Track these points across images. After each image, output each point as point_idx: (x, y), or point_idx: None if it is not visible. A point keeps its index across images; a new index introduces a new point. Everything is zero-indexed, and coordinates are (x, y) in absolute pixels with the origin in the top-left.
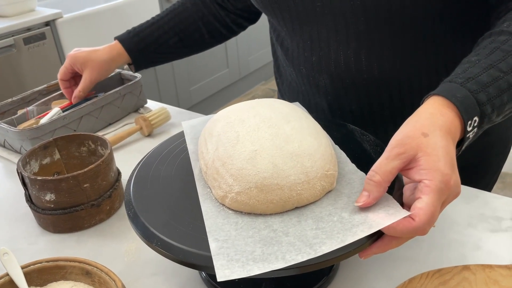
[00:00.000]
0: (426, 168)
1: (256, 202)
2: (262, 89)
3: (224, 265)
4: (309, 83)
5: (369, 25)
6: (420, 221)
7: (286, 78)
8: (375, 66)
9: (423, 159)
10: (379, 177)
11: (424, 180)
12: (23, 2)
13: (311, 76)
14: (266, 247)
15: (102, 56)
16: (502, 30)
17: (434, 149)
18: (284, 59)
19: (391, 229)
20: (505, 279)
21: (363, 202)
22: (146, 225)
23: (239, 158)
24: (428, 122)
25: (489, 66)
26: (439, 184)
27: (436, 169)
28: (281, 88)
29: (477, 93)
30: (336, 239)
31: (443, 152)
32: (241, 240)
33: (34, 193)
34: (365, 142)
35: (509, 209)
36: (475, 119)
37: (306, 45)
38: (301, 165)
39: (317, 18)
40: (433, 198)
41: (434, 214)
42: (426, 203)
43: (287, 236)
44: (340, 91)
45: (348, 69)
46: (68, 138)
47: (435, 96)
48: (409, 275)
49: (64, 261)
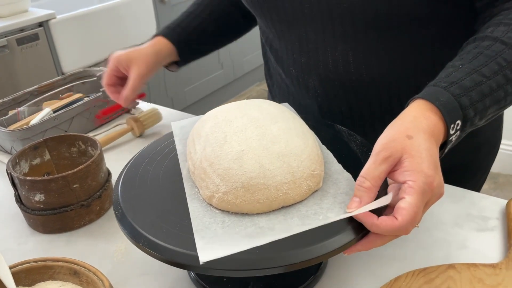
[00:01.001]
0: (410, 169)
1: (242, 202)
2: (257, 90)
3: (208, 249)
4: (299, 84)
5: (356, 27)
6: (403, 220)
7: (277, 80)
8: (363, 67)
9: (407, 161)
10: (369, 183)
11: (408, 181)
12: (16, 2)
13: (300, 77)
14: (251, 239)
15: (146, 50)
16: (486, 36)
17: (418, 151)
18: (274, 60)
19: (374, 226)
20: (489, 277)
21: (354, 208)
22: (134, 225)
23: (226, 158)
24: (412, 125)
25: (472, 71)
26: (422, 185)
27: (420, 170)
28: (272, 89)
29: (460, 97)
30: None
31: (427, 154)
32: (227, 236)
33: (24, 194)
34: (352, 142)
35: (496, 208)
36: (457, 123)
37: (294, 46)
38: (287, 165)
39: (305, 20)
40: (416, 199)
41: (417, 215)
42: (409, 203)
43: (272, 231)
44: (330, 92)
45: (336, 70)
46: (58, 139)
47: (419, 100)
48: (395, 274)
49: (52, 261)
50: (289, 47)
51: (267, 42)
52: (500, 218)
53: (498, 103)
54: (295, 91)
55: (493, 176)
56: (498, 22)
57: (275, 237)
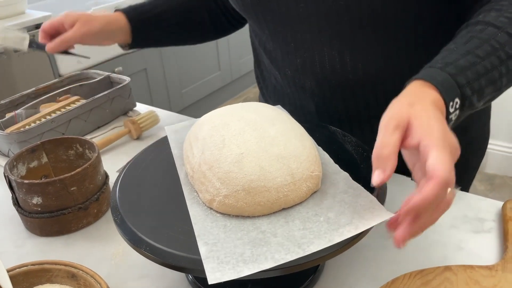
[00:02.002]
0: (420, 128)
1: (244, 205)
2: (254, 92)
3: (215, 268)
4: (295, 85)
5: (353, 25)
6: (441, 171)
7: (271, 82)
8: (360, 66)
9: (415, 122)
10: (387, 150)
11: (422, 141)
12: (13, 4)
13: (296, 78)
14: (255, 248)
15: (97, 17)
16: (478, 21)
17: (424, 111)
18: (268, 62)
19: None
20: (485, 279)
21: (380, 180)
22: (133, 230)
23: (225, 162)
24: (413, 97)
25: (467, 53)
26: (438, 136)
27: (431, 125)
28: (266, 92)
29: (456, 76)
30: (323, 239)
31: (434, 113)
32: (230, 242)
33: (21, 197)
34: (347, 143)
35: (492, 210)
36: (456, 101)
37: (289, 47)
38: (287, 167)
39: (300, 19)
40: (439, 151)
41: (448, 161)
42: (435, 157)
43: (275, 237)
44: (327, 93)
45: (333, 70)
46: (55, 142)
47: (416, 81)
48: (392, 276)
49: (50, 264)
50: (283, 48)
51: (260, 44)
52: (496, 220)
53: (494, 84)
54: (291, 92)
55: (489, 177)
56: (489, 8)
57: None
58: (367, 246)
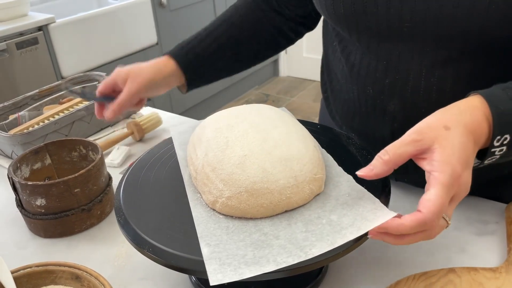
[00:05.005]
0: (438, 160)
1: (246, 207)
2: (256, 94)
3: (217, 269)
4: (374, 106)
5: (464, 52)
6: (428, 212)
7: (341, 96)
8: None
9: (437, 151)
10: (388, 156)
11: (434, 172)
12: (15, 7)
13: (378, 99)
14: (257, 250)
15: (145, 69)
16: None
17: (451, 143)
18: (347, 75)
19: (401, 227)
20: (489, 281)
21: (364, 173)
22: (137, 231)
23: (229, 163)
24: (454, 117)
25: None
26: (449, 178)
27: (448, 162)
28: (333, 104)
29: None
30: (326, 241)
31: (460, 148)
32: (232, 244)
33: (25, 198)
34: (351, 145)
35: (495, 212)
36: (505, 137)
37: (380, 65)
38: (290, 169)
39: (402, 38)
40: (441, 191)
41: (442, 206)
42: (434, 194)
43: (277, 239)
44: (411, 119)
45: (427, 98)
46: (59, 143)
47: (478, 96)
48: (396, 278)
49: (54, 265)
50: (373, 64)
51: (343, 53)
52: (499, 222)
53: None
54: (367, 111)
55: None
56: None
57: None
58: (371, 248)
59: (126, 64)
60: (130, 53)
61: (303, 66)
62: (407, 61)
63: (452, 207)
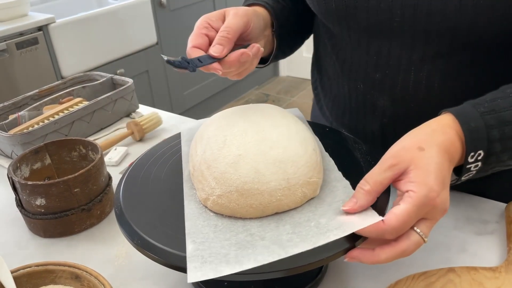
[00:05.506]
0: (414, 181)
1: (236, 206)
2: (256, 94)
3: (197, 267)
4: (364, 101)
5: (453, 47)
6: (388, 224)
7: (331, 91)
8: (447, 93)
9: (413, 172)
10: (369, 186)
11: (410, 191)
12: (16, 7)
13: (368, 94)
14: (240, 250)
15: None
16: None
17: (426, 163)
18: (338, 71)
19: (361, 230)
20: (489, 281)
21: (348, 207)
22: (137, 230)
23: (223, 162)
24: (427, 137)
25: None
26: (423, 198)
27: (424, 183)
28: (323, 100)
29: (491, 128)
30: (309, 242)
31: (435, 168)
32: (217, 242)
33: (25, 198)
34: (357, 150)
35: (495, 212)
36: (479, 153)
37: (370, 60)
38: (283, 172)
39: (392, 34)
40: (410, 208)
41: (405, 223)
42: (401, 209)
43: (263, 240)
44: (400, 115)
45: (416, 93)
46: (59, 143)
47: (449, 115)
48: (396, 278)
49: (54, 265)
50: (363, 60)
51: (333, 49)
52: (499, 221)
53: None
54: (357, 107)
55: None
56: None
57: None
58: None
59: (126, 64)
60: (130, 53)
61: (303, 66)
62: (396, 56)
63: (427, 225)
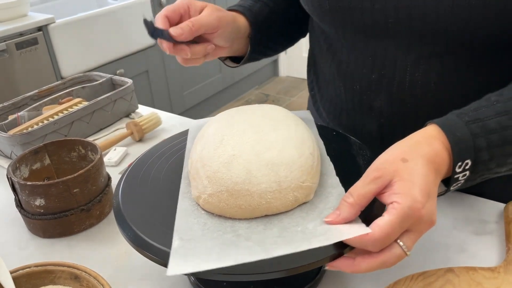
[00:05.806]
0: (398, 192)
1: (225, 206)
2: (256, 94)
3: (179, 263)
4: (361, 102)
5: (449, 47)
6: (372, 236)
7: (328, 92)
8: (443, 91)
9: (397, 184)
10: (352, 199)
11: (394, 203)
12: (15, 7)
13: (365, 95)
14: (223, 250)
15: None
16: None
17: (410, 174)
18: (334, 72)
19: (348, 240)
20: (488, 281)
21: (331, 219)
22: (136, 231)
23: (217, 161)
24: (410, 149)
25: (504, 113)
26: (407, 210)
27: (409, 194)
28: (320, 101)
29: (477, 137)
30: (291, 245)
31: (419, 179)
32: (203, 241)
33: (24, 198)
34: (360, 156)
35: (494, 212)
36: (466, 162)
37: (367, 61)
38: (275, 174)
39: (387, 34)
40: (393, 220)
41: (389, 235)
42: (384, 221)
43: (247, 241)
44: (398, 115)
45: (412, 93)
46: (58, 144)
47: (434, 126)
48: (394, 278)
49: (53, 265)
50: (359, 61)
51: (329, 51)
52: (498, 221)
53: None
54: (353, 108)
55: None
56: None
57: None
58: None
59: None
60: (130, 53)
61: (303, 66)
62: (392, 56)
63: (411, 238)
